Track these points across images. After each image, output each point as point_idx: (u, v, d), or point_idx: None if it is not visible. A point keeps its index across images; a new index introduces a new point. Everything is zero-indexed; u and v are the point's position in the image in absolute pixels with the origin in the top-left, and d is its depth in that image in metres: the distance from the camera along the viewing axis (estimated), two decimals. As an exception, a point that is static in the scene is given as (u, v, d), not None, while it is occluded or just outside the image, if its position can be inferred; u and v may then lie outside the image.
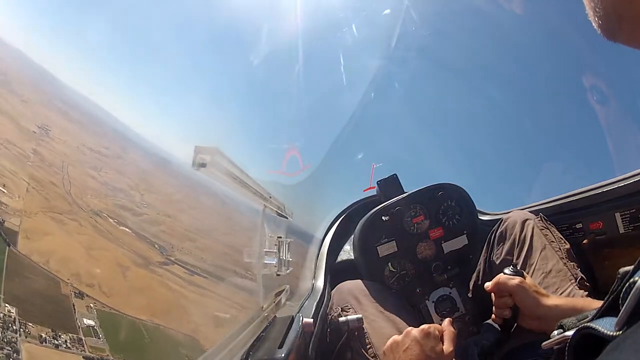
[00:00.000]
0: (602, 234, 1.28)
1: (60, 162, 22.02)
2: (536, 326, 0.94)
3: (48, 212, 16.84)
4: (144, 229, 20.86)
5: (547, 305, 0.92)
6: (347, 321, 1.09)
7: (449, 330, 0.91)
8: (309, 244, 1.67)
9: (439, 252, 1.41)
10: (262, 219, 0.97)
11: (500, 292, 0.99)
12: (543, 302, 0.93)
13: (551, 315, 0.90)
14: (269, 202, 0.98)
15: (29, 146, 21.78)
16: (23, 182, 17.75)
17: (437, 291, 1.38)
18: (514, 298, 0.96)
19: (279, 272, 1.10)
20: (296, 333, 0.82)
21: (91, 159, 27.28)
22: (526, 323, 0.97)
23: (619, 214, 1.23)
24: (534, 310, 0.93)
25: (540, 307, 0.92)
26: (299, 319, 0.93)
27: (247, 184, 0.77)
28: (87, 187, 22.15)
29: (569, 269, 1.11)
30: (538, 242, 1.20)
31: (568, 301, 0.94)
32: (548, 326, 0.88)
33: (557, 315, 0.89)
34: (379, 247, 1.37)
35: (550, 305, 0.92)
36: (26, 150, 21.13)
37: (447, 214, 1.42)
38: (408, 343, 0.87)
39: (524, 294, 0.94)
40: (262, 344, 0.76)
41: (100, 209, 20.01)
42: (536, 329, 0.94)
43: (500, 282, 0.98)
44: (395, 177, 1.64)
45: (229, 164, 0.64)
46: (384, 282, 1.35)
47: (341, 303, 1.18)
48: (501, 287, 0.98)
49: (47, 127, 22.67)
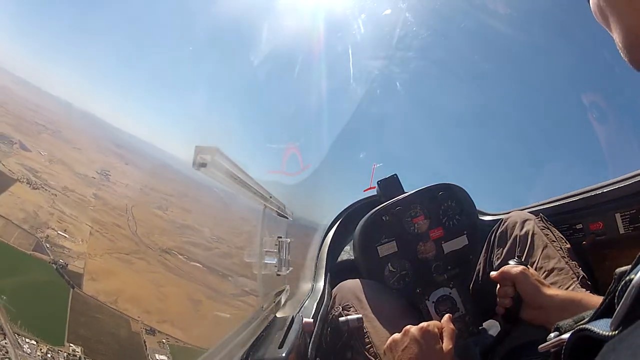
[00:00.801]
0: (602, 234, 1.28)
1: (124, 204, 22.58)
2: (536, 317, 0.95)
3: (114, 253, 17.46)
4: (216, 262, 21.15)
5: (547, 294, 0.94)
6: (347, 321, 1.09)
7: (448, 328, 0.91)
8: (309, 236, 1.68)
9: (439, 252, 1.41)
10: (262, 219, 0.97)
11: (503, 281, 1.01)
12: (544, 291, 0.95)
13: (551, 305, 0.92)
14: (269, 202, 0.98)
15: (89, 191, 22.43)
16: (85, 226, 18.33)
17: (437, 291, 1.38)
18: (517, 285, 0.98)
19: (279, 272, 1.10)
20: (296, 333, 0.82)
21: (156, 199, 27.63)
22: (527, 313, 0.98)
23: (619, 214, 1.23)
24: (535, 298, 0.95)
25: (541, 296, 0.94)
26: (299, 319, 0.93)
27: (247, 184, 0.77)
28: (154, 227, 22.56)
29: (571, 268, 1.11)
30: (539, 241, 1.20)
31: (568, 293, 0.96)
32: (548, 317, 0.91)
33: (556, 305, 0.92)
34: (379, 247, 1.37)
35: (550, 295, 0.94)
36: (87, 196, 21.74)
37: (448, 214, 1.42)
38: (407, 342, 0.87)
39: (526, 281, 0.96)
40: (262, 344, 0.76)
41: (169, 246, 20.55)
42: (536, 320, 0.95)
43: (504, 271, 1.01)
44: (396, 177, 1.64)
45: (229, 164, 0.64)
46: (384, 282, 1.35)
47: (342, 302, 1.18)
48: (505, 275, 1.00)
49: (107, 172, 23.20)
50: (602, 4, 0.44)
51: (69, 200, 20.47)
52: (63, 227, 17.27)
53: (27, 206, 17.45)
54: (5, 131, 26.20)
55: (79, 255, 15.63)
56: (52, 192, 20.02)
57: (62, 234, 16.74)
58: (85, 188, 22.51)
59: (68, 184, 22.24)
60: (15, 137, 24.62)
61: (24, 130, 27.67)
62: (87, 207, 20.40)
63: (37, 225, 16.42)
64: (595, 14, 0.47)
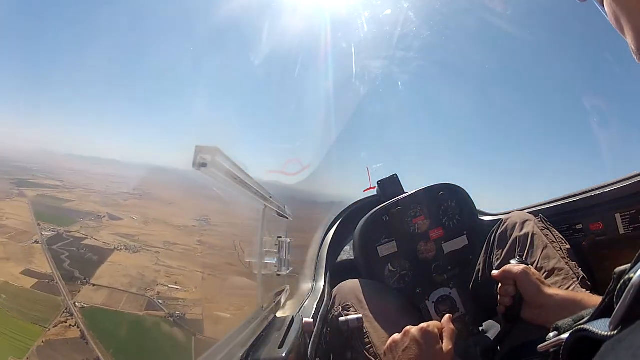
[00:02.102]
0: (602, 234, 1.28)
1: (231, 242, 21.91)
2: (537, 316, 0.95)
3: (230, 290, 17.64)
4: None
5: (547, 294, 0.94)
6: (347, 321, 1.09)
7: (448, 328, 0.91)
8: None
9: (439, 252, 1.41)
10: (262, 219, 0.97)
11: (505, 280, 1.01)
12: (545, 291, 0.95)
13: (551, 304, 0.93)
14: (269, 202, 0.98)
15: (192, 240, 22.32)
16: (197, 273, 18.40)
17: (437, 291, 1.38)
18: (518, 284, 0.98)
19: (279, 272, 1.10)
20: (296, 333, 0.82)
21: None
22: (528, 313, 0.98)
23: (619, 214, 1.23)
24: (535, 297, 0.95)
25: (542, 295, 0.95)
26: (299, 319, 0.93)
27: (247, 184, 0.77)
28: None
29: (571, 268, 1.11)
30: (539, 241, 1.20)
31: (568, 293, 0.96)
32: (548, 317, 0.91)
33: (557, 304, 0.92)
34: (379, 247, 1.37)
35: (551, 294, 0.94)
36: (191, 245, 21.73)
37: (448, 215, 1.42)
38: (407, 342, 0.87)
39: (528, 280, 0.97)
40: (262, 344, 0.76)
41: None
42: (537, 320, 0.95)
43: (506, 270, 1.01)
44: (396, 177, 1.64)
45: (229, 163, 0.64)
46: (384, 282, 1.35)
47: (342, 302, 1.18)
48: (506, 274, 1.01)
49: (206, 217, 23.36)
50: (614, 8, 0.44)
51: (174, 253, 20.63)
52: (173, 280, 17.45)
53: (130, 271, 17.63)
54: (91, 209, 26.67)
55: (194, 302, 15.73)
56: (154, 251, 20.23)
57: (173, 286, 16.89)
58: (188, 237, 22.62)
59: (169, 238, 22.41)
60: (102, 211, 25.26)
61: (110, 203, 28.30)
62: (194, 255, 20.44)
63: (145, 286, 16.65)
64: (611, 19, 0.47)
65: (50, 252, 19.59)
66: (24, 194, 30.66)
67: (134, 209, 27.24)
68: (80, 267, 18.27)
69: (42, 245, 20.37)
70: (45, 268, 18.17)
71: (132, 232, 22.55)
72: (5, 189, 31.23)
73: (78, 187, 32.82)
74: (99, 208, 26.66)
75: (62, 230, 22.24)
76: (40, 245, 20.31)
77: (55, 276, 17.45)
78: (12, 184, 32.93)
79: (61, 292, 15.77)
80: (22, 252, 19.91)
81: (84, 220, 24.20)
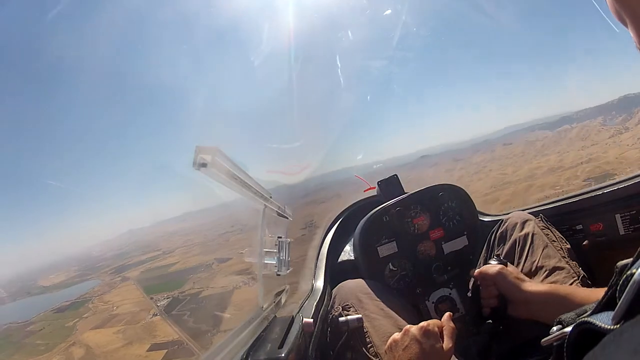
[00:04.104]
0: (602, 235, 1.28)
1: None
2: (523, 312, 0.97)
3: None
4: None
5: (528, 290, 0.96)
6: (347, 321, 1.09)
7: (448, 327, 0.91)
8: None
9: (439, 252, 1.40)
10: (262, 218, 0.97)
11: (484, 281, 1.04)
12: (523, 287, 0.97)
13: (535, 300, 0.94)
14: (269, 202, 0.98)
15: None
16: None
17: (437, 292, 1.38)
18: (496, 285, 1.01)
19: (279, 272, 1.10)
20: (296, 333, 0.82)
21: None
22: (514, 310, 1.00)
23: (619, 215, 1.23)
24: (515, 295, 0.98)
25: (521, 292, 0.97)
26: (299, 319, 0.93)
27: (247, 184, 0.77)
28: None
29: (571, 267, 1.12)
30: (539, 241, 1.20)
31: (550, 287, 0.97)
32: (534, 312, 0.93)
33: (539, 299, 0.94)
34: (380, 247, 1.37)
35: (532, 290, 0.96)
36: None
37: (448, 215, 1.42)
38: (407, 341, 0.87)
39: (504, 280, 0.99)
40: (262, 344, 0.76)
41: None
42: (523, 315, 0.97)
43: (483, 272, 1.04)
44: (396, 178, 1.64)
45: (229, 163, 0.64)
46: (384, 283, 1.35)
47: (342, 302, 1.18)
48: (484, 275, 1.04)
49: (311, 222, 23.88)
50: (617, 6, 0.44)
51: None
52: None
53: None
54: (198, 262, 27.32)
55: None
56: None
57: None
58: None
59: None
60: (209, 260, 25.81)
61: (213, 249, 28.68)
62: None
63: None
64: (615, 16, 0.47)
65: (171, 318, 19.86)
66: (127, 277, 31.01)
67: (239, 243, 27.53)
68: (205, 320, 18.49)
69: (161, 315, 20.55)
70: (171, 335, 18.42)
71: (245, 266, 22.65)
72: (107, 282, 31.25)
73: (177, 248, 33.83)
74: (205, 258, 27.35)
75: (176, 294, 22.62)
76: (159, 316, 20.51)
77: (183, 338, 17.66)
78: (112, 274, 33.06)
79: (194, 352, 15.98)
80: (143, 330, 20.15)
81: (194, 275, 24.71)
